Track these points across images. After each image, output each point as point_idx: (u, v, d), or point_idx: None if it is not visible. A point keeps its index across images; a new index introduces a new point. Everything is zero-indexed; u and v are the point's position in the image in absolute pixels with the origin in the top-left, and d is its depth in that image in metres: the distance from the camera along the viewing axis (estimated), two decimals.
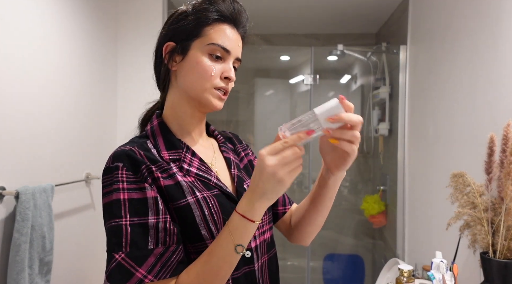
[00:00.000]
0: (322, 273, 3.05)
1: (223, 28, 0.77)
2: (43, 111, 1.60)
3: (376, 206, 2.63)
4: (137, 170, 0.70)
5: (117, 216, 0.67)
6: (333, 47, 2.62)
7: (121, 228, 0.66)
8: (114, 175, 0.70)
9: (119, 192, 0.68)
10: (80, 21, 1.89)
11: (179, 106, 0.81)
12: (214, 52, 0.76)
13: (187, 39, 0.77)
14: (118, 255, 0.65)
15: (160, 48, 0.80)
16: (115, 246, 0.66)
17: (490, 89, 1.37)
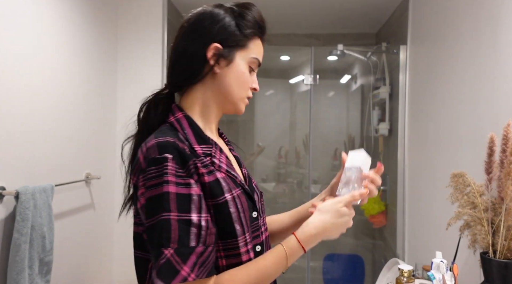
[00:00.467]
0: (322, 273, 3.05)
1: (259, 43, 0.85)
2: (43, 111, 1.60)
3: (376, 206, 2.63)
4: (185, 165, 0.70)
5: (166, 209, 0.66)
6: (333, 47, 2.62)
7: (170, 223, 0.66)
8: (163, 166, 0.68)
9: (169, 185, 0.67)
10: (80, 21, 1.89)
11: (209, 105, 0.83)
12: (252, 65, 0.83)
13: (234, 47, 0.80)
14: (167, 251, 0.65)
15: (201, 48, 0.79)
16: (165, 241, 0.65)
17: (490, 89, 1.37)
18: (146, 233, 0.70)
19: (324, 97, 3.34)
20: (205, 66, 0.79)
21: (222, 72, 0.80)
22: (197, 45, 0.79)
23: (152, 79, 2.31)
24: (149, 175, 0.68)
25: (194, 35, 0.80)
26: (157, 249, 0.66)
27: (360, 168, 0.85)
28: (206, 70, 0.80)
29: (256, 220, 0.81)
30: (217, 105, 0.83)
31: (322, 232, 0.78)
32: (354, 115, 3.25)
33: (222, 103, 0.83)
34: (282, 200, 3.23)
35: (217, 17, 0.80)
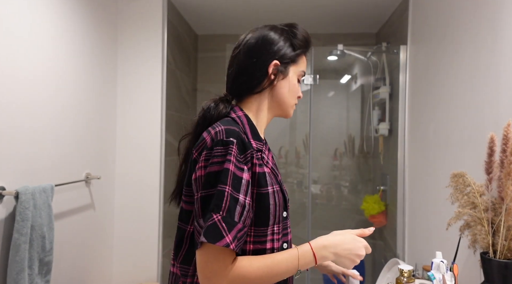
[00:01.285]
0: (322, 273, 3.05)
1: (304, 59, 0.99)
2: (43, 112, 1.60)
3: (376, 206, 2.63)
4: (244, 152, 0.83)
5: (224, 182, 0.77)
6: (333, 47, 2.62)
7: (224, 194, 0.76)
8: (229, 148, 0.80)
9: (230, 163, 0.78)
10: (80, 22, 1.89)
11: (263, 112, 0.96)
12: (300, 77, 0.99)
13: (288, 63, 0.95)
14: (216, 216, 0.75)
15: (265, 64, 0.92)
16: (216, 208, 0.76)
17: (490, 89, 1.37)
18: (200, 201, 0.79)
19: (324, 97, 3.34)
20: (265, 80, 0.93)
21: (278, 84, 0.94)
22: (259, 63, 0.92)
23: (152, 79, 2.32)
24: (215, 152, 0.79)
25: (256, 55, 0.93)
26: (208, 213, 0.76)
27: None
28: (266, 83, 0.94)
29: (286, 219, 0.93)
30: (269, 111, 0.97)
31: (334, 246, 0.85)
32: (354, 115, 3.25)
33: (275, 109, 0.97)
34: None
35: (275, 39, 0.94)
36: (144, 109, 2.30)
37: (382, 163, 2.73)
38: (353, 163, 3.23)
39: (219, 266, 0.75)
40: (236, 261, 0.78)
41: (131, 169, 2.29)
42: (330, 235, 0.89)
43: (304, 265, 0.83)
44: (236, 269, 0.76)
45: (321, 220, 3.10)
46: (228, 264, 0.76)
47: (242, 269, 0.77)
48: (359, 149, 3.17)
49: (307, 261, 0.83)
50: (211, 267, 0.75)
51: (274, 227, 0.88)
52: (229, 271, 0.75)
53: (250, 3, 2.54)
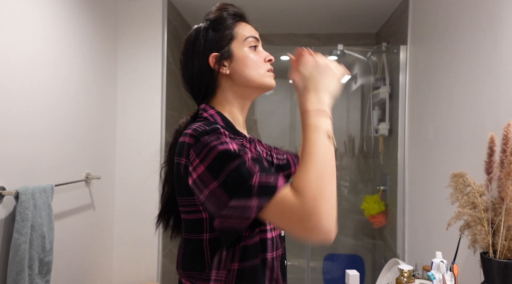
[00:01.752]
0: (322, 273, 3.05)
1: (243, 25, 0.92)
2: (43, 111, 1.60)
3: (376, 206, 2.63)
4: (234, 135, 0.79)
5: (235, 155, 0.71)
6: (333, 47, 2.62)
7: (245, 164, 0.70)
8: (217, 133, 0.75)
9: (228, 144, 0.73)
10: (80, 22, 1.89)
11: (231, 103, 0.91)
12: (251, 44, 0.90)
13: (227, 44, 0.89)
14: (254, 178, 0.68)
15: (204, 63, 0.88)
16: (249, 175, 0.68)
17: (490, 89, 1.37)
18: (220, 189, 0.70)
19: None
20: (215, 75, 0.89)
21: (231, 70, 0.89)
22: (200, 63, 0.89)
23: (152, 79, 2.31)
24: (204, 142, 0.73)
25: (193, 56, 0.90)
26: (244, 185, 0.68)
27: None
28: (218, 77, 0.89)
29: None
30: (242, 97, 0.91)
31: (316, 90, 0.77)
32: (354, 115, 3.25)
33: (246, 92, 0.91)
34: None
35: (201, 35, 0.90)
36: (144, 109, 2.30)
37: (382, 163, 2.73)
38: (353, 163, 3.23)
39: (293, 205, 0.65)
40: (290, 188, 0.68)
41: (131, 169, 2.28)
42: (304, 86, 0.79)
43: (327, 126, 0.73)
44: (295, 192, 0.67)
45: None
46: (295, 197, 0.65)
47: (297, 185, 0.67)
48: (359, 149, 3.17)
49: (325, 121, 0.73)
50: (290, 215, 0.65)
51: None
52: (299, 199, 0.65)
53: (250, 3, 2.54)
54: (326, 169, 0.68)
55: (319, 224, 0.63)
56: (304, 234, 0.65)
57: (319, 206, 0.63)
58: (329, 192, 0.65)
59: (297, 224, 0.64)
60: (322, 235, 0.64)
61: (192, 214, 0.81)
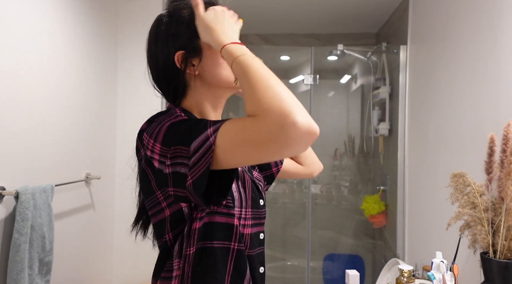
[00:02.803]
0: (322, 273, 3.05)
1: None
2: (43, 112, 1.60)
3: (376, 206, 2.63)
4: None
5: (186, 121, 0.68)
6: (333, 47, 2.62)
7: (199, 121, 0.66)
8: (173, 112, 0.73)
9: (183, 119, 0.70)
10: (79, 22, 1.89)
11: (202, 103, 0.81)
12: None
13: (193, 39, 0.77)
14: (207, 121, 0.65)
15: (170, 62, 0.78)
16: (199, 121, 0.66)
17: (490, 89, 1.37)
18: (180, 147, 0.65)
19: (324, 97, 3.34)
20: (181, 75, 0.78)
21: (200, 69, 0.78)
22: (164, 62, 0.78)
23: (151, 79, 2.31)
24: (157, 123, 0.70)
25: (157, 53, 0.80)
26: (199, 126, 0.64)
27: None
28: (187, 78, 0.79)
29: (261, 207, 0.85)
30: (215, 99, 0.82)
31: (221, 31, 0.71)
32: (354, 115, 3.25)
33: (221, 93, 0.82)
34: (282, 200, 3.23)
35: (162, 27, 0.80)
36: (144, 109, 2.30)
37: (382, 163, 2.73)
38: (353, 163, 3.23)
39: (257, 122, 0.58)
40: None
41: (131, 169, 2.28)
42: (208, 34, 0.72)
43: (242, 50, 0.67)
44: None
45: (321, 220, 3.10)
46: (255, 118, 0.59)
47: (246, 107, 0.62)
48: (359, 149, 3.17)
49: (236, 50, 0.67)
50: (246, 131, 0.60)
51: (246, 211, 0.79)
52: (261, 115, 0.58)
53: (249, 3, 2.54)
54: (271, 80, 0.62)
55: (294, 123, 0.55)
56: (282, 146, 0.57)
57: (283, 107, 0.56)
58: (285, 93, 0.59)
59: (269, 141, 0.57)
60: (303, 134, 0.56)
61: (157, 215, 0.76)
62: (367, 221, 2.79)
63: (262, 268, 0.83)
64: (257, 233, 0.83)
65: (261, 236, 0.84)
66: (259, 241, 0.83)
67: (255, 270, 0.81)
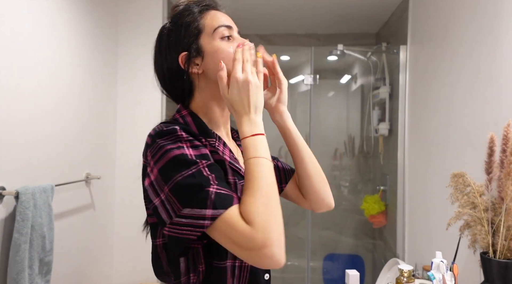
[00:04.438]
0: (322, 273, 3.05)
1: (212, 14, 0.82)
2: (43, 112, 1.60)
3: (376, 206, 2.63)
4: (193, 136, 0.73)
5: (190, 164, 0.68)
6: (333, 47, 2.62)
7: (201, 171, 0.67)
8: (174, 135, 0.71)
9: (184, 148, 0.69)
10: (79, 22, 1.89)
11: (210, 102, 0.83)
12: (223, 34, 0.80)
13: (194, 40, 0.80)
14: (211, 188, 0.66)
15: (174, 65, 0.81)
16: (205, 183, 0.66)
17: (490, 89, 1.37)
18: (171, 195, 0.67)
19: (324, 97, 3.34)
20: (186, 76, 0.81)
21: (204, 67, 0.81)
22: (169, 65, 0.82)
23: (152, 80, 2.30)
24: (160, 144, 0.70)
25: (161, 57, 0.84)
26: (200, 193, 0.65)
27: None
28: (192, 78, 0.82)
29: None
30: (219, 102, 0.83)
31: (245, 114, 0.74)
32: (354, 115, 3.25)
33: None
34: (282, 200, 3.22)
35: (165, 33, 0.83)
36: (144, 109, 2.30)
37: (382, 163, 2.73)
38: (353, 163, 3.23)
39: (243, 230, 0.64)
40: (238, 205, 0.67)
41: (131, 169, 2.28)
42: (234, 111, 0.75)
43: (265, 150, 0.72)
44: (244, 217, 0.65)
45: (321, 220, 3.10)
46: (245, 224, 0.64)
47: (245, 212, 0.65)
48: (359, 149, 3.17)
49: (260, 144, 0.72)
50: (239, 240, 0.64)
51: None
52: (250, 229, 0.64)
53: (249, 3, 2.54)
54: (272, 199, 0.68)
55: (270, 253, 0.63)
56: (252, 260, 0.65)
57: (269, 237, 0.63)
58: (277, 222, 0.66)
59: (247, 250, 0.64)
60: (272, 264, 0.64)
61: (151, 216, 0.78)
62: (367, 221, 2.79)
63: (267, 275, 0.83)
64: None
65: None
66: None
67: (259, 278, 0.81)
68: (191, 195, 0.65)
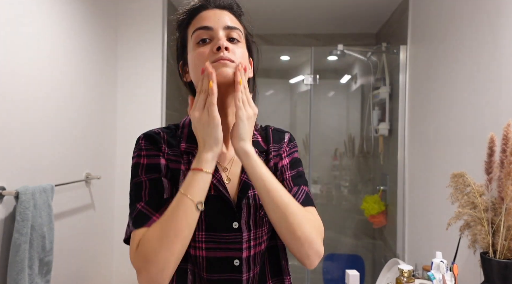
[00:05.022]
0: (322, 273, 3.05)
1: (198, 17, 0.80)
2: (43, 112, 1.60)
3: (376, 206, 2.63)
4: (154, 144, 0.81)
5: (137, 174, 0.78)
6: (333, 47, 2.62)
7: (142, 183, 0.77)
8: (138, 144, 0.82)
9: (140, 157, 0.80)
10: (79, 22, 1.89)
11: None
12: (199, 38, 0.78)
13: (183, 49, 0.84)
14: (139, 205, 0.75)
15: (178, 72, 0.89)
16: (136, 198, 0.76)
17: (490, 89, 1.37)
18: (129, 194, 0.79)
19: (324, 97, 3.34)
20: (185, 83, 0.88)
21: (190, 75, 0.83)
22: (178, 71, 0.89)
23: (152, 80, 2.31)
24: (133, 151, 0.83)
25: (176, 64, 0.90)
26: (131, 205, 0.77)
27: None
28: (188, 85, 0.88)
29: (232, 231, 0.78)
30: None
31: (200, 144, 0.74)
32: (354, 115, 3.25)
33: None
34: None
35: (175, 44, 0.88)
36: (144, 109, 2.30)
37: (382, 163, 2.73)
38: (353, 163, 3.23)
39: (132, 250, 0.75)
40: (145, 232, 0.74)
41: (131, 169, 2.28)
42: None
43: (189, 185, 0.70)
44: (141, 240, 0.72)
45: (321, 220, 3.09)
46: (137, 246, 0.74)
47: (144, 236, 0.71)
48: (359, 149, 3.17)
49: (190, 179, 0.71)
50: (130, 250, 0.76)
51: (198, 234, 0.77)
52: (136, 252, 0.73)
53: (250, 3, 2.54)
54: (169, 238, 0.68)
55: (143, 280, 0.72)
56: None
57: (145, 266, 0.70)
58: (163, 257, 0.68)
59: (133, 266, 0.73)
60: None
61: None
62: (367, 221, 2.79)
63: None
64: (225, 258, 0.78)
65: (236, 262, 0.78)
66: (229, 267, 0.78)
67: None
68: (130, 204, 0.77)
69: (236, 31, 0.80)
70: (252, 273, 0.80)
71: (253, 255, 0.80)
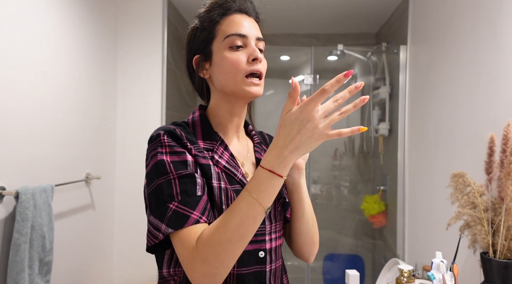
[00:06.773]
0: (322, 273, 3.05)
1: (231, 19, 0.81)
2: (43, 112, 1.60)
3: (376, 206, 2.63)
4: (177, 140, 0.76)
5: (164, 172, 0.72)
6: (333, 47, 2.62)
7: (171, 181, 0.71)
8: (158, 140, 0.75)
9: (163, 154, 0.74)
10: (80, 22, 1.89)
11: (219, 106, 0.85)
12: (233, 43, 0.79)
13: (207, 45, 0.82)
14: (172, 204, 0.70)
15: (190, 65, 0.86)
16: (168, 198, 0.70)
17: (490, 89, 1.37)
18: (147, 199, 0.75)
19: None
20: (199, 78, 0.86)
21: (211, 74, 0.83)
22: (188, 65, 0.87)
23: (152, 79, 2.32)
24: (149, 149, 0.76)
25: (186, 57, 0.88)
26: (162, 206, 0.70)
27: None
28: (203, 81, 0.87)
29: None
30: (226, 104, 0.84)
31: (283, 148, 0.65)
32: (354, 115, 3.25)
33: (229, 99, 0.83)
34: None
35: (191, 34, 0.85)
36: (144, 109, 2.30)
37: (382, 163, 2.73)
38: (353, 163, 3.23)
39: (185, 251, 0.68)
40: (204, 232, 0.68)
41: (131, 169, 2.28)
42: (277, 133, 0.67)
43: (266, 190, 0.65)
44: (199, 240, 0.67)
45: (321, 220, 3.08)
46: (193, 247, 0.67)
47: (203, 236, 0.67)
48: (359, 149, 3.17)
49: (268, 184, 0.65)
50: (182, 257, 0.68)
51: None
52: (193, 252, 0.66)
53: None
54: (231, 242, 0.65)
55: (194, 277, 0.66)
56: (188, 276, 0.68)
57: (203, 267, 0.65)
58: (225, 262, 0.65)
59: (184, 267, 0.68)
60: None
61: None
62: (367, 221, 2.79)
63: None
64: (253, 251, 0.79)
65: (261, 254, 0.79)
66: (255, 259, 0.79)
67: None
68: (156, 206, 0.72)
69: (262, 42, 0.84)
70: (274, 266, 0.83)
71: (274, 247, 0.83)
